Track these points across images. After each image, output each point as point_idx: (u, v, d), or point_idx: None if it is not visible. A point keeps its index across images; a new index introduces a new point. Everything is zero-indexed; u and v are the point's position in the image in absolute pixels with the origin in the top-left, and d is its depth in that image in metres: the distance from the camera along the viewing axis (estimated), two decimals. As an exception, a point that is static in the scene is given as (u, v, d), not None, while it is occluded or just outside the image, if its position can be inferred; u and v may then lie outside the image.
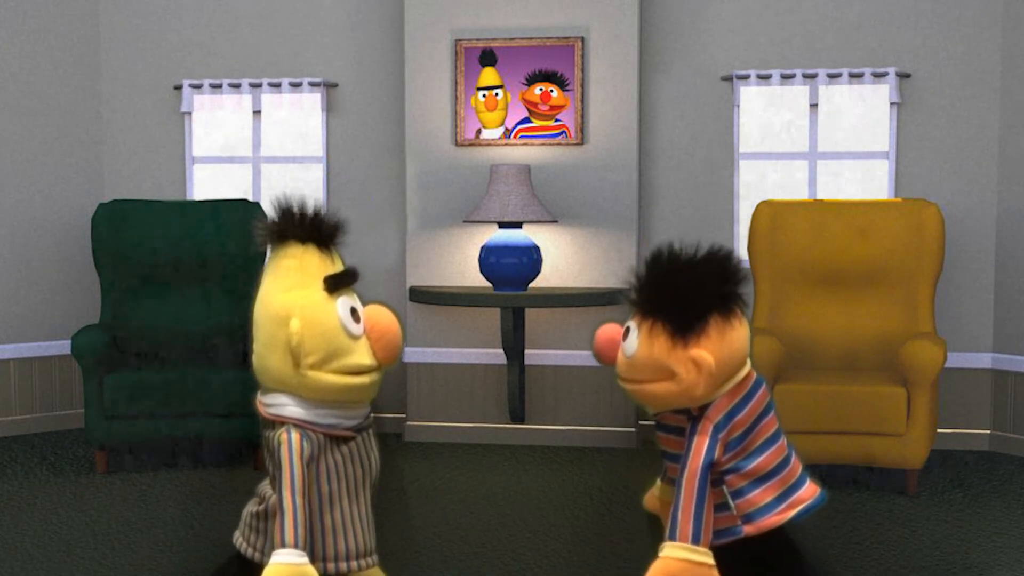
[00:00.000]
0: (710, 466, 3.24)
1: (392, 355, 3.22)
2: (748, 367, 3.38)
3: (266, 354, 3.18)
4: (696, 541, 3.20)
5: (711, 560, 3.20)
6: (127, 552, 4.34)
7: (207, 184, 7.00)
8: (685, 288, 3.21)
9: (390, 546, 4.45)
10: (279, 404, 3.19)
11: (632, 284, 3.35)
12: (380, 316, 3.21)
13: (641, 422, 6.53)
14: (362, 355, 3.18)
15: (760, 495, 3.32)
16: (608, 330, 3.47)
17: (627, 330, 3.38)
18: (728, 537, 3.34)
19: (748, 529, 3.30)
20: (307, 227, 3.21)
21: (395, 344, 3.21)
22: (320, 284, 3.18)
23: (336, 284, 3.19)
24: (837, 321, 5.75)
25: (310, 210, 3.23)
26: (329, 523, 3.21)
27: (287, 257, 3.21)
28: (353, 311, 3.20)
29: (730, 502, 3.31)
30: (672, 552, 3.20)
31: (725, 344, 3.25)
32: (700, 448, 3.25)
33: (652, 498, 3.72)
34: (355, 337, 3.18)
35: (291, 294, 3.16)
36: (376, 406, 6.78)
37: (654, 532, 3.78)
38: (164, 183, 6.88)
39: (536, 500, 5.15)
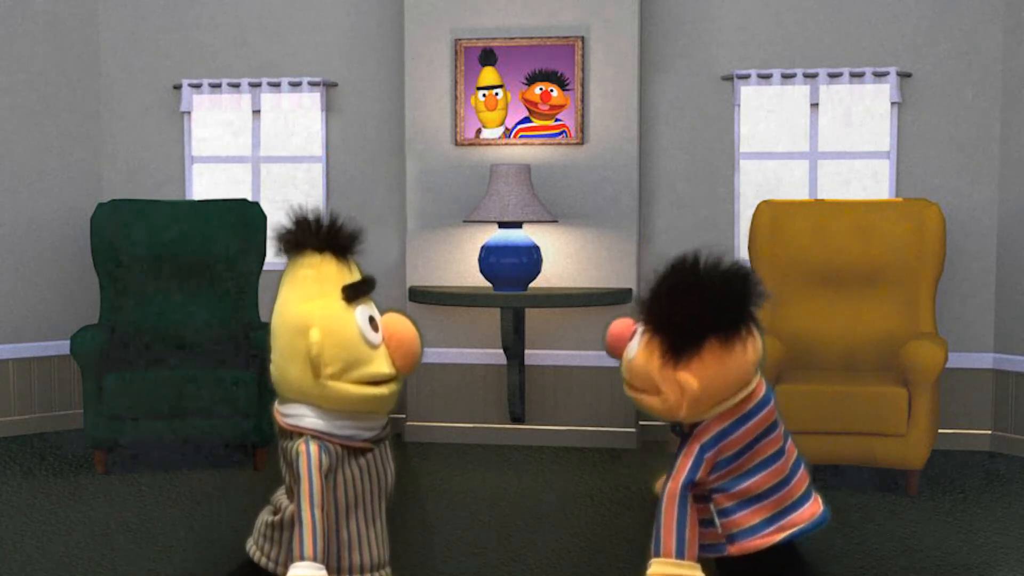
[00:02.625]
0: (690, 485, 3.26)
1: (411, 363, 3.20)
2: (753, 386, 3.32)
3: (285, 364, 3.16)
4: (680, 555, 3.23)
5: (699, 572, 3.23)
6: (126, 552, 4.33)
7: (206, 184, 6.99)
8: (686, 310, 3.14)
9: (389, 546, 4.44)
10: (297, 415, 3.17)
11: (646, 288, 3.33)
12: (398, 324, 3.19)
13: (641, 422, 6.52)
14: (381, 364, 3.16)
15: (746, 516, 3.31)
16: (620, 325, 3.43)
17: (636, 331, 3.37)
18: (713, 553, 3.35)
19: (731, 549, 3.30)
20: (324, 236, 3.19)
21: (414, 352, 3.19)
22: (338, 293, 3.16)
23: (355, 293, 3.17)
24: (838, 321, 5.74)
25: (326, 219, 3.21)
26: (344, 535, 3.21)
27: (304, 267, 3.19)
28: (371, 320, 3.18)
29: (716, 520, 3.32)
30: (659, 568, 3.23)
31: (720, 370, 3.19)
32: (682, 468, 3.27)
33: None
34: (374, 346, 3.16)
35: (310, 304, 3.14)
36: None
37: None
38: (163, 183, 6.87)
39: (536, 500, 5.14)
